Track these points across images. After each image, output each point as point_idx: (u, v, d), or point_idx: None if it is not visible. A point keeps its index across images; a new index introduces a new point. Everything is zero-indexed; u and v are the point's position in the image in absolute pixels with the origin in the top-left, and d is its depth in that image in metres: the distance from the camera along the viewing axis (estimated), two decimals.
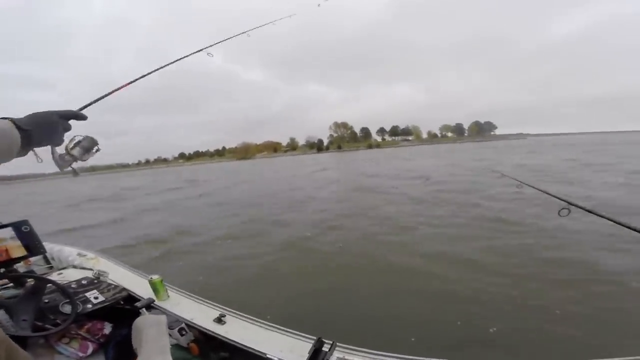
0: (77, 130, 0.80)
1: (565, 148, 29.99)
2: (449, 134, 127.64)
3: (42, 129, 0.70)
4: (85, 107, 0.90)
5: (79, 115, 0.78)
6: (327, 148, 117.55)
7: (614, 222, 0.90)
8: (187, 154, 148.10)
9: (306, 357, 1.13)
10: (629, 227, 0.85)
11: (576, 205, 1.04)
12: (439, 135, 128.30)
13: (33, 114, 0.71)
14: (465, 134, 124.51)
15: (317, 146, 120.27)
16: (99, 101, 1.01)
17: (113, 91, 1.13)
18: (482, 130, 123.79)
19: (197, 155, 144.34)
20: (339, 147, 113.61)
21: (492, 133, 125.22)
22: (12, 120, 0.64)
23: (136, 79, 1.29)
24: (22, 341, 1.16)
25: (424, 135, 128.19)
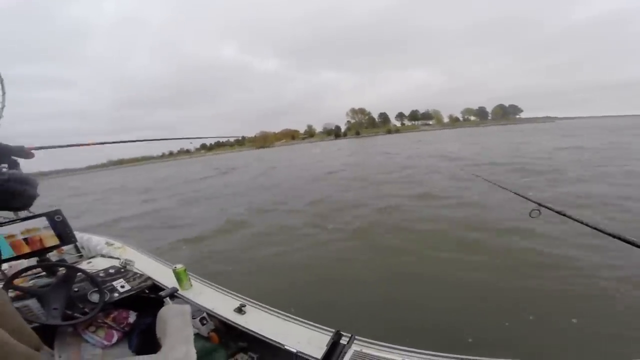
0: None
1: (607, 131, 27.62)
2: (472, 118, 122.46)
3: None
4: (41, 148, 0.96)
5: (26, 154, 0.79)
6: (345, 134, 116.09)
7: (582, 223, 0.87)
8: (208, 145, 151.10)
9: (324, 350, 1.13)
10: (596, 229, 0.80)
11: (546, 207, 1.02)
12: (461, 119, 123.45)
13: None
14: (489, 118, 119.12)
15: (334, 133, 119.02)
16: (59, 150, 1.26)
17: (78, 145, 1.39)
18: (506, 114, 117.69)
19: (218, 146, 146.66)
20: (357, 133, 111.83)
21: (518, 116, 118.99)
22: None
23: (116, 142, 1.66)
24: (51, 329, 1.21)
25: (445, 120, 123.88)
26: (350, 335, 1.20)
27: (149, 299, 1.65)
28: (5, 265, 1.50)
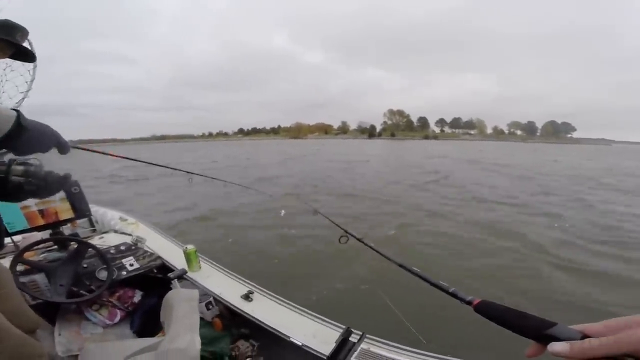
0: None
1: None
2: (518, 132, 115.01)
3: (39, 139, 0.65)
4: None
5: (64, 149, 0.74)
6: (380, 135, 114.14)
7: (378, 253, 0.94)
8: (245, 130, 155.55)
9: (333, 346, 1.08)
10: (387, 258, 0.88)
11: (350, 234, 1.15)
12: (506, 132, 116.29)
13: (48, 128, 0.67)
14: (537, 134, 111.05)
15: (368, 132, 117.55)
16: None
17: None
18: (557, 132, 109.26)
19: (255, 132, 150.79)
20: (392, 135, 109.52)
21: (569, 136, 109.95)
22: (18, 113, 0.59)
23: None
24: (54, 305, 1.21)
25: (489, 131, 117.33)
26: (361, 333, 1.14)
27: (156, 278, 1.63)
28: (17, 237, 1.49)
